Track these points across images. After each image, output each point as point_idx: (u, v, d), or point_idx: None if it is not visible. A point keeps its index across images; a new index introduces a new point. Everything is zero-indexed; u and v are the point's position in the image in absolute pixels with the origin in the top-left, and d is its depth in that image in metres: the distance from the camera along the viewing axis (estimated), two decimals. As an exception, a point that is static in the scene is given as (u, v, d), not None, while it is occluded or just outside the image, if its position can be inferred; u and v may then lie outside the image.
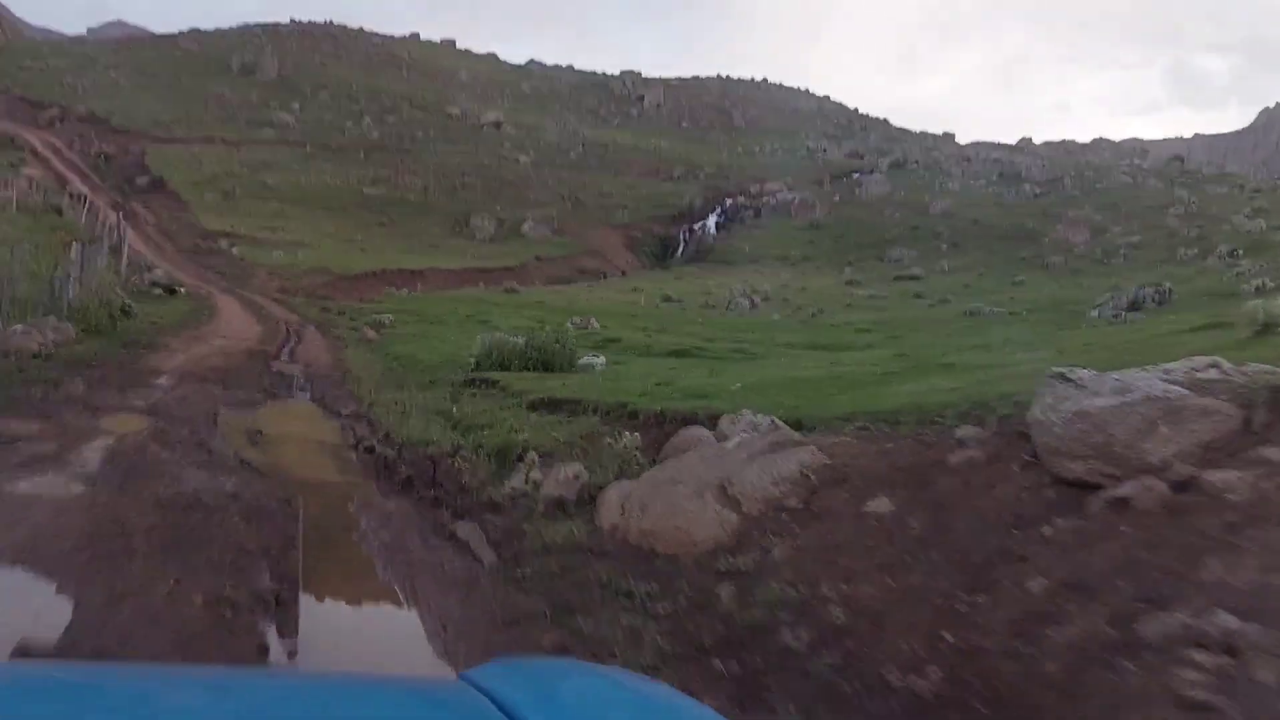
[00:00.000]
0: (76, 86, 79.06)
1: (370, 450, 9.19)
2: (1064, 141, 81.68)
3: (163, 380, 11.85)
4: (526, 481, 7.11)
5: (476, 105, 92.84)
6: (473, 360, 16.26)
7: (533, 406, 10.97)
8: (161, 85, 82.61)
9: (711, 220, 60.66)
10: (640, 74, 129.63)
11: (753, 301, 36.63)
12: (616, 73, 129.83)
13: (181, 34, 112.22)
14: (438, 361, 18.51)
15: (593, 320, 28.25)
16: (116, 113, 70.43)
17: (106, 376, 11.41)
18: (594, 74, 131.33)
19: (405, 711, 1.16)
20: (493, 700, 1.12)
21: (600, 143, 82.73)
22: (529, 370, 15.71)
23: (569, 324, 30.52)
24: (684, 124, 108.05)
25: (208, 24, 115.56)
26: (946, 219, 55.40)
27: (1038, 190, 60.84)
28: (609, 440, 7.81)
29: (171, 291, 27.13)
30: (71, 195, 42.43)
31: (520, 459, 7.92)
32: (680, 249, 56.91)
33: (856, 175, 73.13)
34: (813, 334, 27.14)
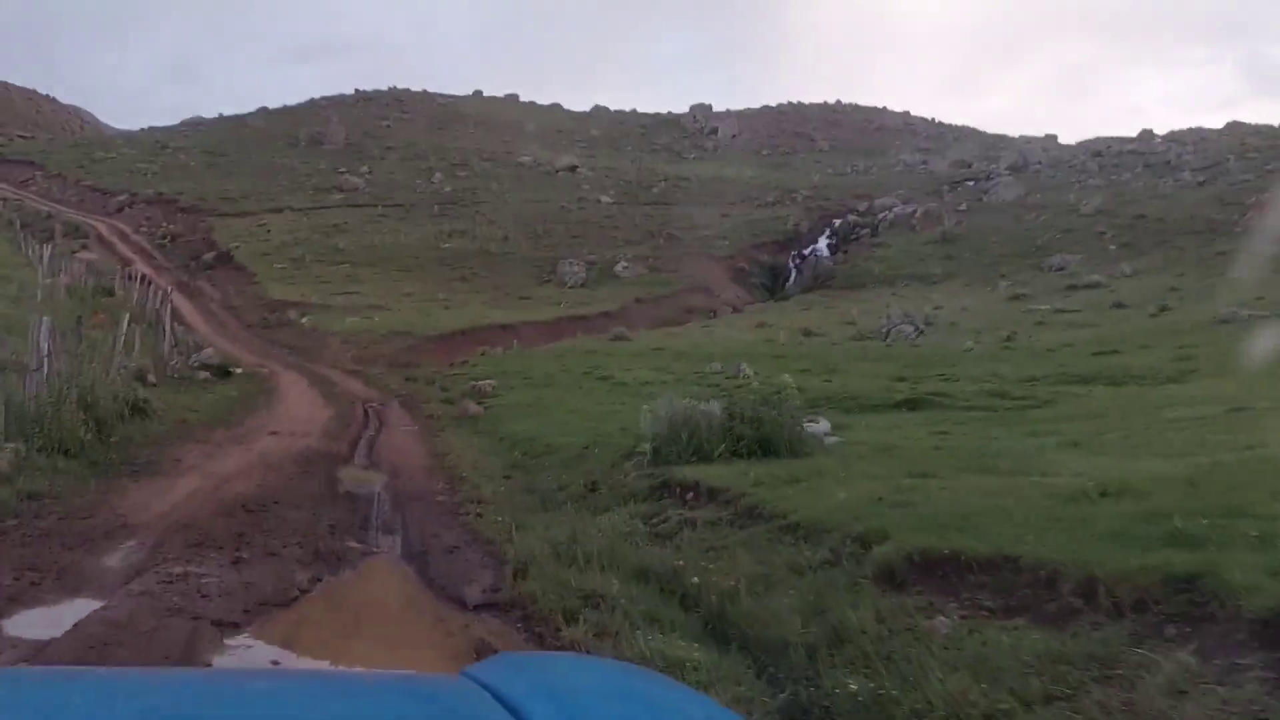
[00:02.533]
0: (146, 172, 77.04)
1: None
2: (1192, 129, 73.45)
3: (120, 554, 6.22)
4: None
5: (547, 152, 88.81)
6: (647, 446, 10.48)
7: (887, 576, 4.93)
8: (230, 163, 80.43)
9: (823, 243, 54.54)
10: (710, 106, 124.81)
11: (917, 328, 30.31)
12: (685, 109, 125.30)
13: (249, 114, 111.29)
14: (579, 445, 12.74)
15: (743, 367, 22.29)
16: (185, 192, 67.73)
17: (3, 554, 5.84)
18: (661, 114, 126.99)
19: (407, 708, 1.10)
20: (495, 696, 1.08)
21: (681, 176, 77.53)
22: (741, 455, 9.90)
23: (710, 370, 24.68)
24: (764, 152, 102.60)
25: (275, 103, 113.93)
26: (1106, 217, 48.42)
27: (1199, 178, 53.34)
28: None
29: (225, 373, 22.06)
30: (130, 277, 38.53)
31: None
32: (792, 277, 50.82)
33: (972, 183, 66.34)
34: (1040, 363, 20.74)
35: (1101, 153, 68.55)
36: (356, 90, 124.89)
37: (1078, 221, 50.01)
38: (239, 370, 22.53)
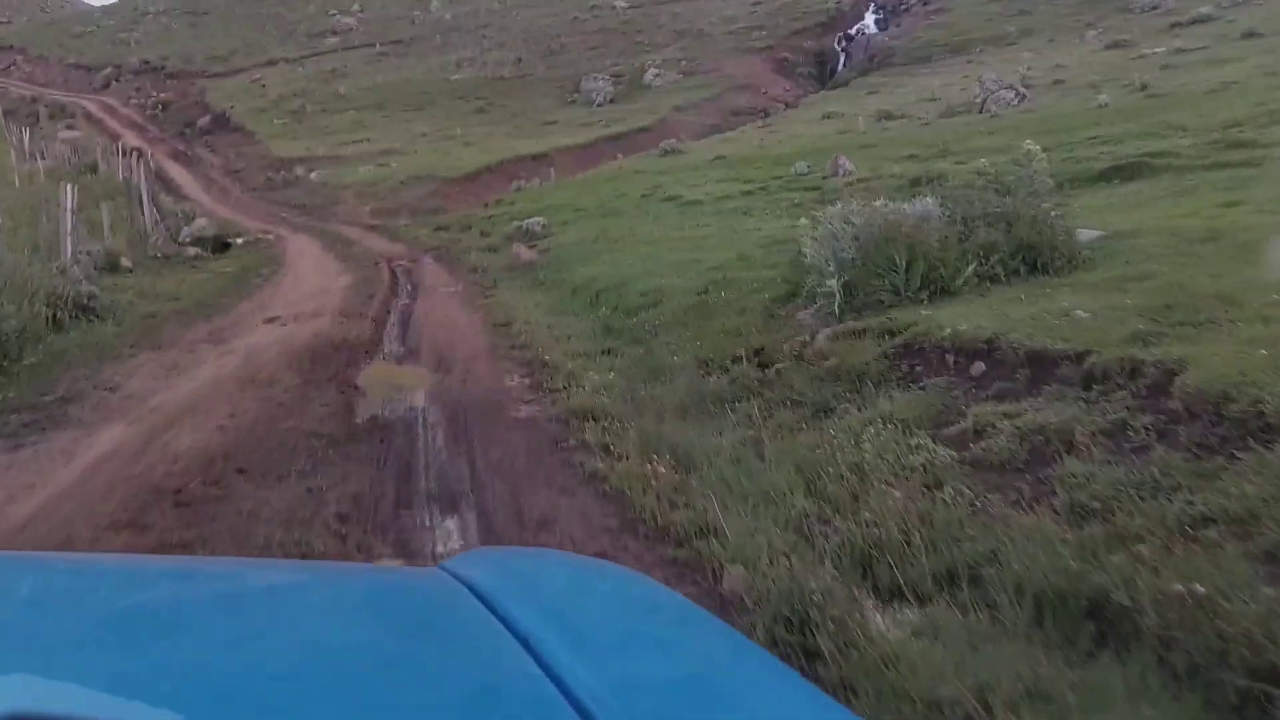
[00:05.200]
0: (129, 41, 71.69)
1: None
2: None
3: None
4: None
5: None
6: (834, 282, 6.79)
7: None
8: (214, 20, 74.73)
9: (870, 19, 48.55)
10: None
11: (1019, 93, 25.62)
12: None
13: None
14: (690, 290, 9.10)
15: (843, 162, 18.17)
16: (171, 57, 62.80)
17: None
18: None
19: (383, 598, 1.10)
20: (471, 589, 1.07)
21: (700, -30, 70.20)
22: (996, 278, 6.19)
23: (796, 173, 20.54)
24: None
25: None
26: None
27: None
28: None
29: (223, 246, 18.53)
30: (120, 152, 34.62)
31: None
32: (841, 62, 45.36)
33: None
34: (1222, 106, 16.40)
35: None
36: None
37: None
38: (239, 240, 18.95)
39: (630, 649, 1.01)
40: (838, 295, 6.78)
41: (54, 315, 9.37)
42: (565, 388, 6.64)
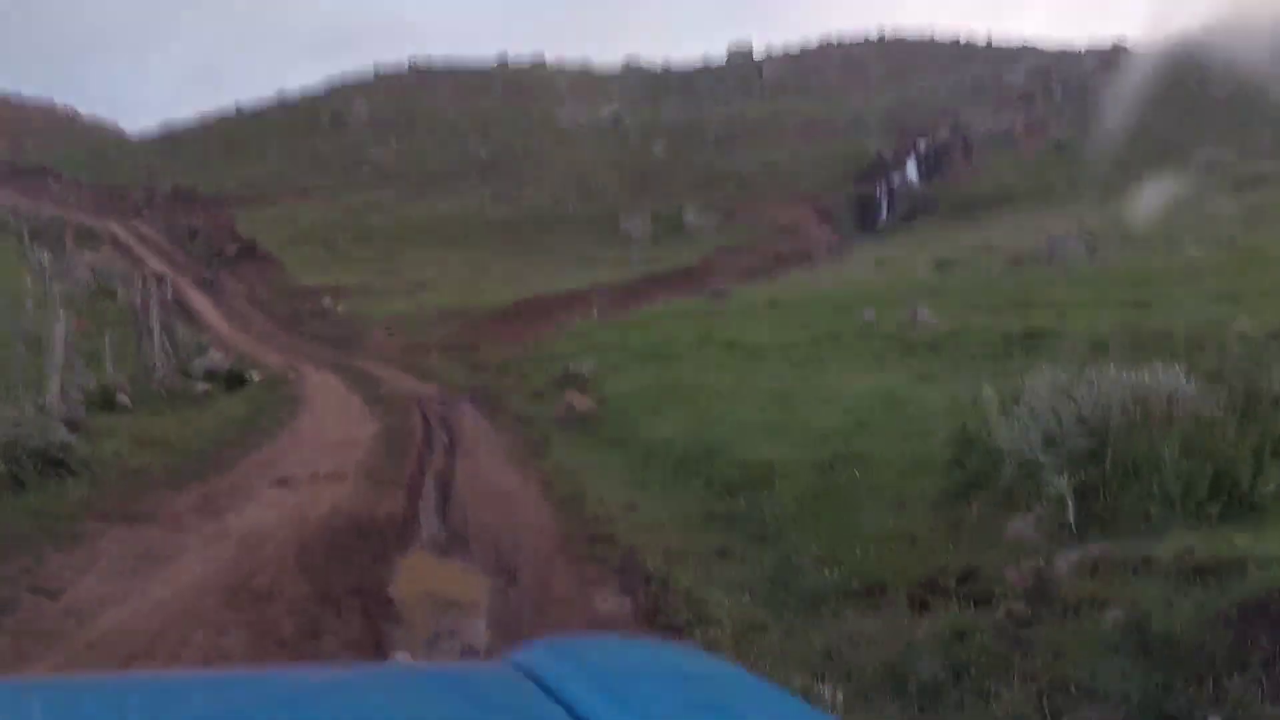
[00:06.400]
0: (162, 169, 72.57)
1: None
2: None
3: None
4: None
5: (585, 109, 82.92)
6: (1063, 481, 4.73)
7: None
8: (250, 152, 75.76)
9: (910, 169, 48.15)
10: (750, 48, 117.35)
11: (1088, 247, 24.25)
12: (721, 53, 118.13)
13: (268, 103, 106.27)
14: (803, 462, 7.14)
15: (922, 311, 16.50)
16: (203, 186, 63.14)
17: None
18: (699, 62, 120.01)
19: (451, 698, 1.07)
20: (539, 683, 1.05)
21: (735, 118, 71.01)
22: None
23: (866, 320, 18.87)
24: (815, 87, 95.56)
25: (291, 86, 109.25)
26: (1244, 105, 41.54)
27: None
28: None
29: (238, 381, 16.80)
30: (141, 278, 33.62)
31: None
32: (884, 210, 44.65)
33: (1061, 90, 59.17)
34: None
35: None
36: (376, 69, 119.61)
37: (1212, 112, 43.21)
38: (256, 376, 17.23)
39: None
40: (1070, 502, 4.81)
41: (14, 471, 7.51)
42: (690, 622, 4.63)
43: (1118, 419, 4.92)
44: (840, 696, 3.67)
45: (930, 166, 48.36)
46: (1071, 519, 4.76)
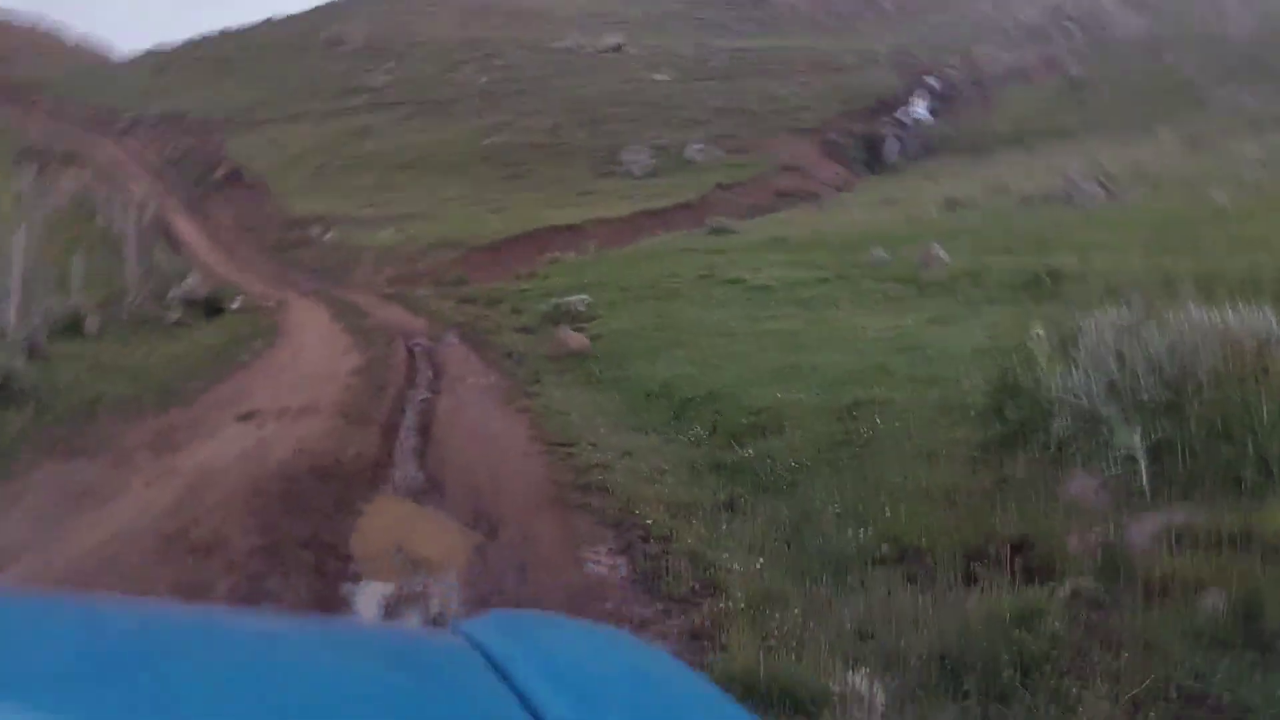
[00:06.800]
0: (151, 90, 70.70)
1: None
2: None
3: None
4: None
5: (588, 37, 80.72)
6: (1131, 430, 3.92)
7: None
8: (241, 73, 73.72)
9: (921, 106, 46.83)
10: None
11: (1106, 189, 23.35)
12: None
13: (260, 23, 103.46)
14: (821, 409, 6.41)
15: (937, 250, 15.72)
16: (192, 109, 61.47)
17: None
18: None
19: (395, 662, 1.04)
20: (488, 658, 1.04)
21: (740, 49, 69.04)
22: None
23: (874, 260, 18.08)
24: (823, 19, 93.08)
25: (286, 9, 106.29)
26: (1266, 46, 40.20)
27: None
28: None
29: (215, 309, 16.04)
30: (123, 201, 32.58)
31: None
32: (893, 148, 43.49)
33: (1076, 25, 57.47)
34: None
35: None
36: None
37: (1231, 52, 41.84)
38: (235, 304, 16.46)
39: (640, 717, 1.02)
40: (1142, 461, 4.11)
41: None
42: (696, 591, 3.95)
43: (1202, 368, 4.19)
44: (881, 696, 3.01)
45: (941, 104, 47.03)
46: (1145, 481, 4.06)
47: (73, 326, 11.92)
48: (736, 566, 4.18)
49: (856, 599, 3.82)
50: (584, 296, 15.23)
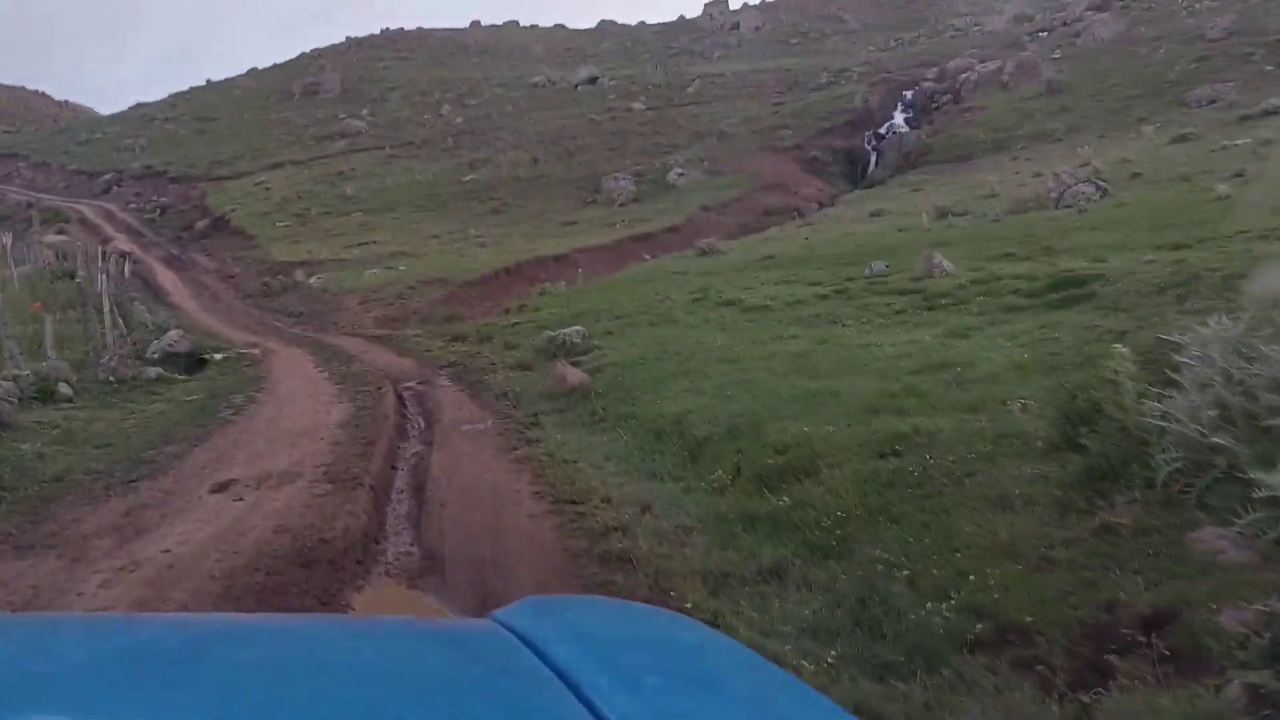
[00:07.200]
0: (133, 147, 70.40)
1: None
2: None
3: None
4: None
5: (561, 71, 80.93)
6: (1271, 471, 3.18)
7: None
8: (221, 126, 73.65)
9: (899, 118, 46.71)
10: (726, 4, 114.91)
11: (1100, 188, 23.02)
12: (699, 11, 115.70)
13: (238, 76, 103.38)
14: (856, 445, 5.89)
15: (938, 259, 15.29)
16: (175, 162, 61.21)
17: None
18: (676, 21, 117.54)
19: (431, 652, 1.07)
20: (523, 640, 1.05)
21: (713, 74, 69.21)
22: None
23: (875, 274, 17.63)
24: (793, 40, 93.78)
25: (265, 64, 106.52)
26: (1243, 38, 40.22)
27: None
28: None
29: (199, 362, 15.53)
30: (101, 257, 32.02)
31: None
32: (873, 161, 43.30)
33: (1046, 33, 57.78)
34: None
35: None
36: (348, 38, 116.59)
37: (1210, 48, 41.86)
38: (218, 356, 15.92)
39: (684, 692, 0.99)
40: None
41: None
42: None
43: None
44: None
45: (919, 115, 46.92)
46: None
47: (46, 392, 11.39)
48: (806, 665, 3.61)
49: (960, 701, 3.25)
50: (578, 327, 14.73)
